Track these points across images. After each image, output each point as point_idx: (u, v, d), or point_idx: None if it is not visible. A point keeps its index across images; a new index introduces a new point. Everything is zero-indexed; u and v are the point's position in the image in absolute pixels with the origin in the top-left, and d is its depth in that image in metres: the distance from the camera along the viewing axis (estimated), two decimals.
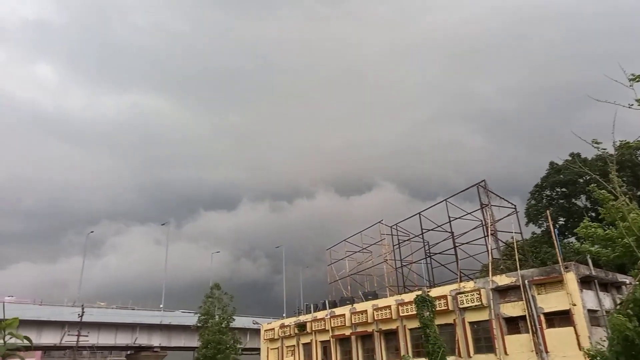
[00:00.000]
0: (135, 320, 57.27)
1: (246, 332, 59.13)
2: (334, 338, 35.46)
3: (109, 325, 55.34)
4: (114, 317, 56.43)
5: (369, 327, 32.55)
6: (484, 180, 31.79)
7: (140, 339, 56.88)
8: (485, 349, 25.76)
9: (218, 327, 45.98)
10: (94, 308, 55.84)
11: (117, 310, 59.23)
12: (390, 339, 31.36)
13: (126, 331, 56.70)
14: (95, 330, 53.05)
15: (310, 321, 38.11)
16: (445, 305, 27.36)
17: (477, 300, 26.16)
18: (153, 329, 58.24)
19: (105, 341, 55.19)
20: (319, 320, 37.15)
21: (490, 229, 29.82)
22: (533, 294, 24.19)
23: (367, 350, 32.88)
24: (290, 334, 40.16)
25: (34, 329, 50.65)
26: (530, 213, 46.97)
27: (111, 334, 55.58)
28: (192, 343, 56.68)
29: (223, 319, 46.79)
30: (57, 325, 51.61)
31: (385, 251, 39.94)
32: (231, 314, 47.37)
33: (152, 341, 58.23)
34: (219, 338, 45.18)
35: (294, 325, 39.93)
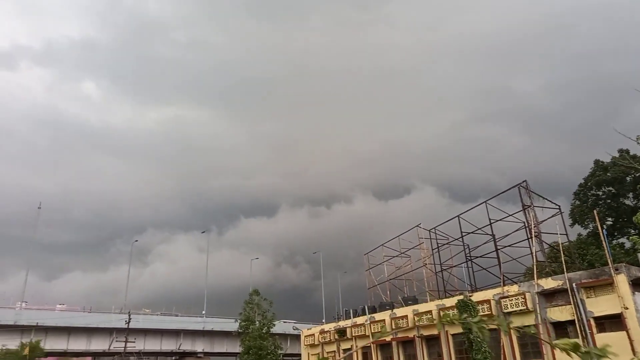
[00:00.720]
0: (179, 326, 58.73)
1: (286, 338, 59.54)
2: (374, 344, 35.25)
3: (154, 332, 56.96)
4: (159, 323, 58.07)
5: (410, 332, 32.19)
6: (525, 181, 30.99)
7: (185, 345, 58.24)
8: (533, 355, 25.00)
9: (259, 332, 46.59)
10: (140, 315, 57.66)
11: (161, 316, 60.92)
12: (432, 345, 30.90)
13: (171, 337, 58.21)
14: (141, 337, 54.71)
15: (350, 327, 38.03)
16: (489, 310, 26.74)
17: (522, 305, 25.45)
18: (196, 334, 59.54)
19: (151, 347, 56.82)
20: (358, 326, 37.03)
21: (533, 230, 28.98)
22: (582, 298, 23.32)
23: (409, 356, 32.50)
24: (330, 339, 40.17)
25: (84, 336, 52.80)
26: (575, 214, 45.27)
27: (157, 340, 57.18)
28: (234, 349, 57.58)
29: (263, 325, 47.39)
30: (105, 331, 53.54)
31: (424, 255, 39.47)
32: (271, 320, 47.92)
33: (196, 347, 59.51)
34: (260, 344, 45.77)
35: (333, 331, 39.94)
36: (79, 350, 53.48)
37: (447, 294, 34.39)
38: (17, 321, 48.64)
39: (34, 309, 55.69)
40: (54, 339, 49.44)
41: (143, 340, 55.15)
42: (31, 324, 48.09)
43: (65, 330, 51.53)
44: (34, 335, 45.92)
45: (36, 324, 48.43)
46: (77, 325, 52.39)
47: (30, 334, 45.94)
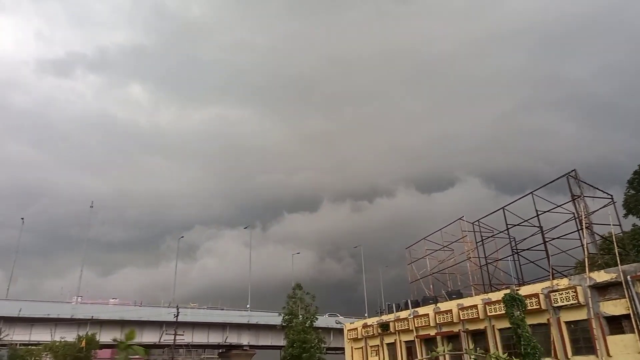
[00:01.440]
0: (224, 320, 60.22)
1: (330, 332, 59.94)
2: (418, 338, 34.96)
3: (201, 325, 58.69)
4: (206, 317, 59.76)
5: (455, 327, 31.72)
6: (574, 170, 29.77)
7: (231, 338, 59.72)
8: (585, 350, 24.10)
9: (302, 326, 47.16)
10: (188, 309, 59.54)
11: (208, 310, 62.64)
12: (479, 340, 30.31)
13: (217, 330, 59.81)
14: (189, 330, 56.53)
15: (393, 321, 37.86)
16: (537, 304, 25.96)
17: (573, 299, 24.55)
18: (242, 328, 60.88)
19: (199, 340, 58.62)
20: (402, 320, 36.81)
21: (584, 221, 27.84)
22: (637, 291, 22.25)
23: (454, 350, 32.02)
24: (373, 333, 40.14)
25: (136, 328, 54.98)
26: (629, 203, 43.02)
27: (204, 333, 58.90)
28: (278, 342, 58.53)
29: (306, 319, 47.92)
30: (155, 325, 55.63)
31: (467, 249, 38.69)
32: (314, 314, 48.38)
33: (242, 340, 60.89)
34: (303, 337, 46.34)
35: (376, 325, 39.88)
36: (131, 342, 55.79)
37: (492, 288, 33.64)
38: (74, 315, 51.28)
39: (88, 303, 58.59)
40: (108, 332, 51.82)
41: (191, 333, 56.97)
42: (87, 318, 50.62)
43: (119, 323, 53.91)
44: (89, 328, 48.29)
45: (91, 317, 50.92)
46: (129, 319, 54.71)
47: (86, 327, 48.39)
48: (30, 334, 48.26)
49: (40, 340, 45.44)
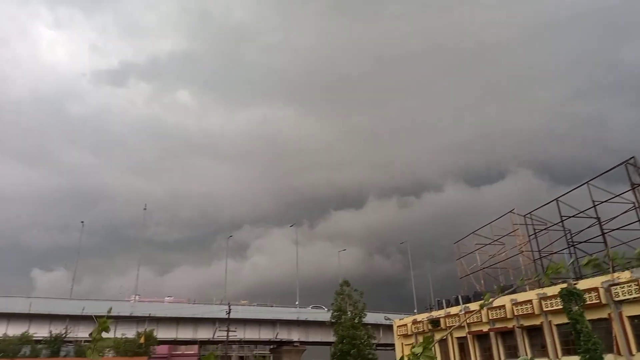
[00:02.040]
0: (274, 316, 61.30)
1: (379, 328, 59.73)
2: (470, 334, 34.24)
3: (253, 322, 60.01)
4: (256, 314, 61.07)
5: (509, 323, 30.81)
6: (633, 157, 28.18)
7: (281, 334, 60.70)
8: None
9: (351, 322, 47.27)
10: (239, 306, 61.04)
11: (258, 307, 63.98)
12: (535, 336, 29.34)
13: (268, 327, 60.96)
14: (241, 326, 57.93)
15: (444, 317, 37.25)
16: (597, 299, 24.81)
17: (636, 292, 23.29)
18: (291, 324, 61.74)
19: (250, 336, 59.96)
20: (452, 316, 36.16)
21: None
22: None
23: (509, 347, 31.16)
24: (423, 329, 39.64)
25: (190, 326, 57.05)
26: None
27: (255, 329, 60.19)
28: (328, 338, 58.92)
29: (355, 315, 47.98)
30: (209, 321, 57.39)
31: (519, 242, 37.48)
32: (362, 310, 48.36)
33: (292, 336, 61.76)
34: (353, 333, 46.45)
35: (426, 321, 39.36)
36: (186, 339, 57.94)
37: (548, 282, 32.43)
38: (133, 312, 53.75)
39: (146, 301, 61.19)
40: (164, 329, 54.00)
41: (243, 330, 58.37)
42: (144, 315, 52.90)
43: (174, 320, 56.05)
44: (147, 325, 50.48)
45: (149, 314, 53.18)
46: (185, 316, 56.74)
47: (144, 324, 50.61)
48: None
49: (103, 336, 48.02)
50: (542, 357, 27.85)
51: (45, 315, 49.26)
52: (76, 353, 39.57)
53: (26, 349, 38.07)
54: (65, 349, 39.69)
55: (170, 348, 70.22)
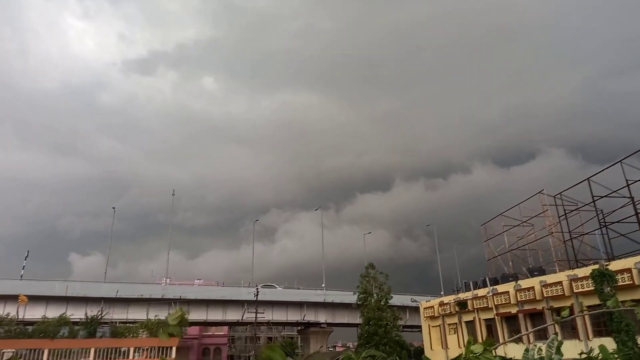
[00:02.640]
0: (301, 298, 62.10)
1: (405, 310, 59.89)
2: (498, 316, 34.00)
3: (280, 304, 61.00)
4: (284, 296, 62.03)
5: (538, 304, 30.44)
6: None
7: (308, 316, 61.54)
8: None
9: (377, 304, 47.54)
10: (266, 289, 62.08)
11: (285, 290, 64.93)
12: None
13: (295, 309, 61.86)
14: (269, 308, 59.00)
15: (471, 299, 37.06)
16: (630, 280, 24.18)
17: None
18: (318, 306, 62.49)
19: (278, 318, 61.02)
20: (480, 298, 35.93)
21: None
22: None
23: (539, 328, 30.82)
24: (451, 311, 39.57)
25: (220, 308, 58.40)
26: None
27: (283, 311, 61.19)
28: (354, 320, 59.47)
29: (381, 297, 48.20)
30: (238, 304, 58.63)
31: (549, 223, 36.75)
32: (388, 292, 48.52)
33: (319, 318, 62.55)
34: (379, 315, 46.72)
35: (454, 303, 39.25)
36: (216, 320, 59.38)
37: (578, 264, 31.79)
38: (164, 295, 55.27)
39: (176, 284, 62.81)
40: (195, 310, 55.41)
41: (271, 311, 59.43)
42: (176, 298, 54.36)
43: (204, 302, 57.43)
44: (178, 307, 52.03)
45: (179, 297, 54.62)
46: (214, 298, 58.09)
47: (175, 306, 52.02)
48: (127, 312, 52.79)
49: (137, 318, 49.59)
50: (573, 339, 27.48)
51: (81, 297, 51.17)
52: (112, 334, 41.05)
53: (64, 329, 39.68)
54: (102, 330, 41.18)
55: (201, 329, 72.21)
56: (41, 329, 39.60)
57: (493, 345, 1.25)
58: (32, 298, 44.67)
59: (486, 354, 1.16)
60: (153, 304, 53.40)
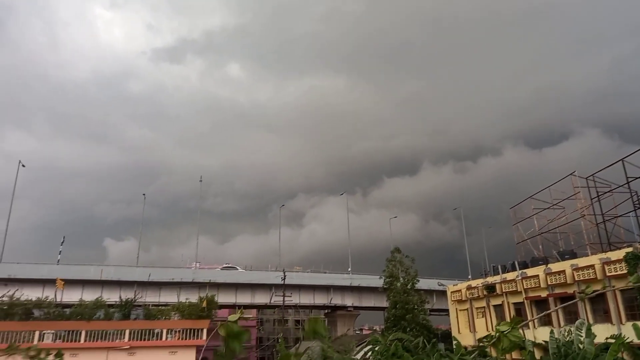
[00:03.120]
0: (328, 282, 62.64)
1: (432, 294, 59.75)
2: (528, 300, 33.58)
3: (307, 287, 61.69)
4: (310, 280, 62.68)
5: (569, 288, 29.90)
6: None
7: (335, 299, 62.09)
8: None
9: (403, 288, 47.58)
10: (293, 272, 62.81)
11: (312, 274, 65.55)
12: (597, 301, 28.35)
13: (322, 292, 62.47)
14: (296, 292, 59.74)
15: (500, 283, 36.68)
16: None
17: None
18: (345, 290, 62.94)
19: (305, 301, 61.76)
20: (509, 282, 35.52)
21: None
22: None
23: (569, 312, 30.33)
24: (478, 295, 39.29)
25: (248, 291, 59.51)
26: None
27: (309, 294, 61.89)
28: (381, 303, 59.67)
29: (407, 281, 48.18)
30: (265, 287, 59.60)
31: (580, 206, 35.85)
32: (414, 276, 48.44)
33: (345, 301, 63.04)
34: (405, 299, 46.78)
35: (482, 287, 38.94)
36: (245, 303, 60.58)
37: (611, 247, 30.99)
38: (195, 279, 56.60)
39: (206, 268, 64.19)
40: (224, 294, 56.63)
41: (298, 295, 60.18)
42: (205, 281, 55.62)
43: (233, 286, 58.60)
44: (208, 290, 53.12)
45: (209, 281, 55.85)
46: (243, 282, 59.21)
47: (205, 289, 53.25)
48: (160, 296, 54.38)
49: (168, 301, 51.06)
50: (605, 323, 26.96)
51: (115, 281, 52.91)
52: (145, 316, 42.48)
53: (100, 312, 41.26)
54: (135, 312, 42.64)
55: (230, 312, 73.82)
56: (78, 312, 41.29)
57: (520, 323, 1.25)
58: (69, 282, 46.46)
59: (514, 332, 1.16)
60: (184, 287, 54.76)
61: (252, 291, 59.73)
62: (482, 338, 4.46)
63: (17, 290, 44.08)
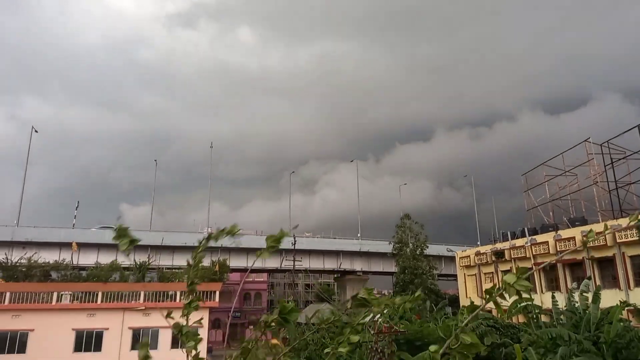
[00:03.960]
0: (337, 247, 63.46)
1: (441, 259, 60.32)
2: (536, 266, 33.78)
3: (317, 252, 62.62)
4: (320, 245, 63.55)
5: (579, 254, 29.98)
6: None
7: (344, 264, 63.04)
8: None
9: (412, 254, 48.09)
10: (303, 238, 63.61)
11: (321, 239, 66.37)
12: (606, 267, 28.48)
13: (331, 257, 63.41)
14: (306, 257, 60.67)
15: (509, 249, 36.85)
16: None
17: None
18: (354, 255, 63.79)
19: (315, 266, 62.83)
20: (518, 248, 35.68)
21: None
22: None
23: (577, 278, 30.50)
24: (487, 261, 39.60)
25: None
26: None
27: (319, 259, 62.87)
28: (389, 268, 60.50)
29: (416, 247, 48.64)
30: (276, 252, 60.40)
31: (594, 172, 35.48)
32: (423, 242, 48.84)
33: (354, 266, 63.98)
34: (414, 264, 47.35)
35: (490, 253, 39.18)
36: (256, 267, 61.83)
37: (623, 214, 30.81)
38: None
39: None
40: (236, 258, 57.73)
41: (308, 260, 61.16)
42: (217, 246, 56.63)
43: (244, 250, 59.62)
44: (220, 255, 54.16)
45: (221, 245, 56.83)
46: (253, 247, 60.15)
47: (217, 254, 54.28)
48: (173, 259, 55.60)
49: (181, 265, 52.24)
50: (613, 288, 27.13)
51: None
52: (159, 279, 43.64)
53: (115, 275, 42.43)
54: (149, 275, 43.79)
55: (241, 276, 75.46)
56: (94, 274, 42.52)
57: (525, 273, 1.25)
58: (85, 245, 47.61)
59: (520, 282, 1.17)
60: None
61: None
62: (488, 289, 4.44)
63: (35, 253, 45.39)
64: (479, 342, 1.45)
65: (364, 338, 13.75)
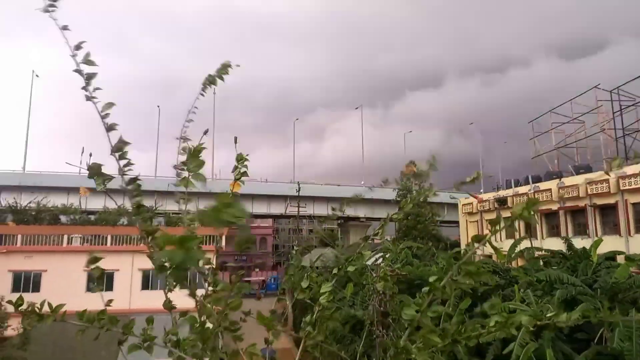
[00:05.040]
0: (342, 194, 64.09)
1: (444, 206, 60.95)
2: (539, 212, 34.11)
3: (321, 199, 63.43)
4: (325, 192, 64.27)
5: (581, 201, 30.17)
6: None
7: (348, 211, 63.92)
8: None
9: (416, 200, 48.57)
10: (308, 185, 64.20)
11: (325, 186, 66.98)
12: (607, 214, 28.73)
13: (335, 204, 64.13)
14: (310, 203, 61.52)
15: (512, 196, 37.07)
16: None
17: None
18: (358, 202, 64.51)
19: (319, 212, 63.76)
20: (520, 195, 35.88)
21: None
22: None
23: (579, 224, 30.91)
24: (489, 208, 39.97)
25: (265, 202, 61.49)
26: None
27: (323, 205, 63.74)
28: None
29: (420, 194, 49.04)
30: (281, 198, 61.43)
31: (602, 120, 35.00)
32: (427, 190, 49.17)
33: (358, 212, 64.94)
34: (417, 210, 47.92)
35: (493, 200, 39.48)
36: (262, 213, 62.94)
37: (628, 162, 30.69)
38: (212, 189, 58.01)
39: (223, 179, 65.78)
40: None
41: (312, 206, 62.06)
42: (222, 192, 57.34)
43: (250, 196, 60.45)
44: None
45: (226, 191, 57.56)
46: (259, 193, 61.02)
47: None
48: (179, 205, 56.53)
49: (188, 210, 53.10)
50: (613, 235, 27.51)
51: None
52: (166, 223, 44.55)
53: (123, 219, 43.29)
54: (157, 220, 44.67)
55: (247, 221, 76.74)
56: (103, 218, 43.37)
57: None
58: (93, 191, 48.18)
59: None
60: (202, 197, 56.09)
61: (268, 202, 61.66)
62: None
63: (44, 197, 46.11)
64: (482, 269, 1.49)
65: (367, 280, 14.18)
